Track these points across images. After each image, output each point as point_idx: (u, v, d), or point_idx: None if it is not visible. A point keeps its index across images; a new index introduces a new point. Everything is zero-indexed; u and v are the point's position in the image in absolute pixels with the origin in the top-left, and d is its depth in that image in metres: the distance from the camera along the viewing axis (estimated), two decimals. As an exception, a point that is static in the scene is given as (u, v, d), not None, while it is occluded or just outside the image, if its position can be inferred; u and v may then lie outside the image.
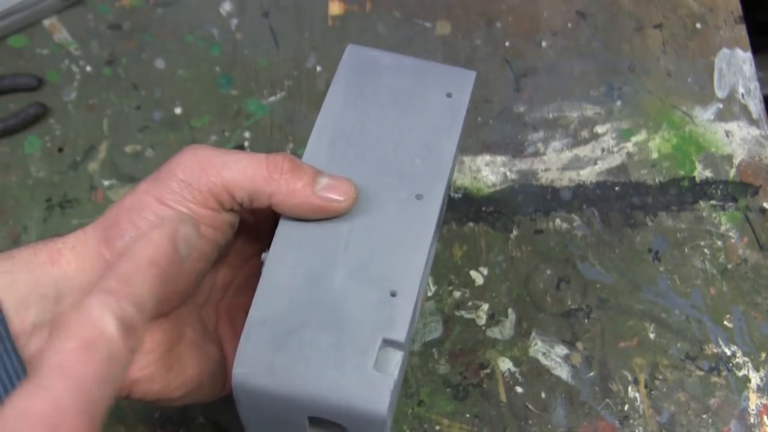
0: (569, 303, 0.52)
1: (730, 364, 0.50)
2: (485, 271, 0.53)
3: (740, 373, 0.50)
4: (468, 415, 0.48)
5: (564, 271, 0.53)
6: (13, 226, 0.53)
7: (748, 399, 0.49)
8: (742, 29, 0.62)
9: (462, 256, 0.53)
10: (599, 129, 0.58)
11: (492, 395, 0.49)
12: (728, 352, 0.51)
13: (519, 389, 0.49)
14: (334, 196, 0.34)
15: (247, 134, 0.57)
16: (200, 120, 0.57)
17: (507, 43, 0.61)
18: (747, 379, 0.50)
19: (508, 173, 0.56)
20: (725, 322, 0.52)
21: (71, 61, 0.59)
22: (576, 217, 0.55)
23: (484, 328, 0.51)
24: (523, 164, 0.57)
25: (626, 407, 0.49)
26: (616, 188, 0.56)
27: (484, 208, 0.55)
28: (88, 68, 0.58)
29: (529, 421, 0.48)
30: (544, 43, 0.61)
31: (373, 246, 0.35)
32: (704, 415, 0.49)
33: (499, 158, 0.57)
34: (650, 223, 0.55)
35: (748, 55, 0.61)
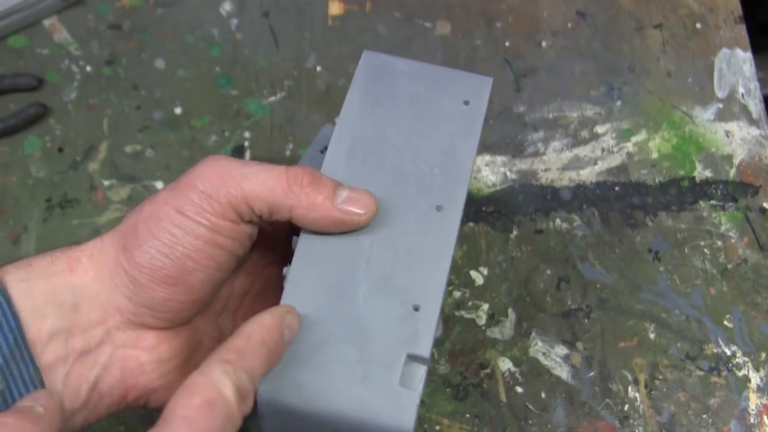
0: (569, 303, 0.52)
1: (730, 364, 0.50)
2: (485, 271, 0.53)
3: (740, 373, 0.50)
4: (468, 415, 0.48)
5: (564, 271, 0.53)
6: (13, 226, 0.53)
7: (748, 399, 0.49)
8: (742, 29, 0.62)
9: (462, 256, 0.53)
10: (599, 129, 0.58)
11: (492, 395, 0.49)
12: (728, 352, 0.51)
13: (519, 389, 0.49)
14: (355, 209, 0.34)
15: (247, 134, 0.57)
16: (200, 120, 0.57)
17: (507, 43, 0.61)
18: (747, 379, 0.50)
19: (508, 173, 0.56)
20: (725, 322, 0.52)
21: (71, 61, 0.59)
22: (576, 217, 0.55)
23: (484, 328, 0.51)
24: (523, 164, 0.57)
25: (626, 407, 0.49)
26: (616, 188, 0.56)
27: (484, 208, 0.55)
28: (88, 68, 0.58)
29: (529, 421, 0.48)
30: (544, 43, 0.61)
31: (395, 259, 0.35)
32: (704, 415, 0.49)
33: (499, 158, 0.57)
34: (650, 223, 0.55)
35: (748, 55, 0.61)
